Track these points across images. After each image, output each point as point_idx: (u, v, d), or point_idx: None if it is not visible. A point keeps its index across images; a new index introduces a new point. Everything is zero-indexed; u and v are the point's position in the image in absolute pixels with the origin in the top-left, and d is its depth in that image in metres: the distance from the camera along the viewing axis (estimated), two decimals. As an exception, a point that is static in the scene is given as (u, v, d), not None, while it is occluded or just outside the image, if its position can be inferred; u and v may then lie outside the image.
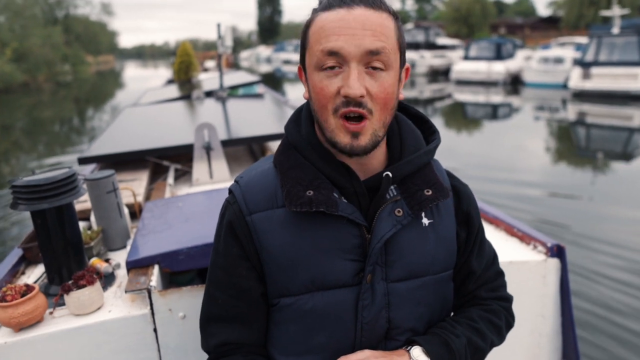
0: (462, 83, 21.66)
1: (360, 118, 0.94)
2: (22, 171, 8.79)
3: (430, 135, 1.12)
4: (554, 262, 1.73)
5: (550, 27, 49.15)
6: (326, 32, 0.93)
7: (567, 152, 9.76)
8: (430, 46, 28.85)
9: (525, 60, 21.51)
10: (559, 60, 18.75)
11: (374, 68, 0.93)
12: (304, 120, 1.08)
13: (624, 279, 4.05)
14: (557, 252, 1.73)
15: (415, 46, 28.30)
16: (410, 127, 1.10)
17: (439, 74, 26.67)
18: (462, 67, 22.19)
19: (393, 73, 0.95)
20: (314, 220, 1.01)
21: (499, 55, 21.51)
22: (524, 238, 1.86)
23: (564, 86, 17.10)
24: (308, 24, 0.98)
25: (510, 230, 1.93)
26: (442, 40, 31.16)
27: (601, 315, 3.52)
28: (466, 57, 22.94)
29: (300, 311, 1.03)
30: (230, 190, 1.10)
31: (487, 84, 20.87)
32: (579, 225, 5.20)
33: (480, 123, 13.60)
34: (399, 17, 0.99)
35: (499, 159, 8.88)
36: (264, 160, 1.14)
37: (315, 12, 0.99)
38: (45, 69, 37.96)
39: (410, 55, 26.71)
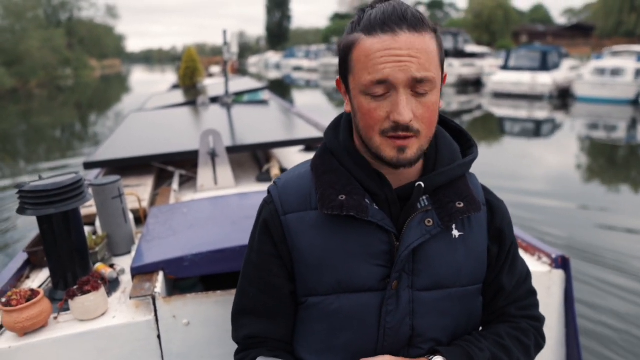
0: (501, 96, 19.34)
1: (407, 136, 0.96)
2: (15, 176, 8.74)
3: (468, 149, 1.13)
4: (559, 274, 1.73)
5: (576, 34, 47.05)
6: (373, 62, 0.93)
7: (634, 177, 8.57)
8: (459, 54, 26.52)
9: (571, 71, 19.47)
10: (617, 72, 16.55)
11: (420, 91, 0.94)
12: (343, 128, 1.11)
13: (629, 287, 4.04)
14: (562, 263, 1.73)
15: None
16: (448, 140, 1.11)
17: (468, 85, 24.73)
18: (501, 78, 19.81)
19: (436, 91, 0.97)
20: (345, 224, 1.04)
21: (544, 65, 19.19)
22: (529, 249, 1.85)
23: (635, 102, 15.31)
24: (350, 46, 0.98)
25: (515, 241, 1.92)
26: (471, 48, 28.75)
27: (605, 323, 3.50)
28: (505, 67, 20.52)
29: (326, 311, 1.06)
30: (269, 191, 1.14)
31: (530, 97, 18.57)
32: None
33: (533, 145, 11.75)
34: (438, 30, 0.99)
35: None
36: (303, 163, 1.17)
37: (354, 29, 0.98)
38: (42, 73, 37.03)
39: None
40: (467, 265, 1.08)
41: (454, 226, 1.06)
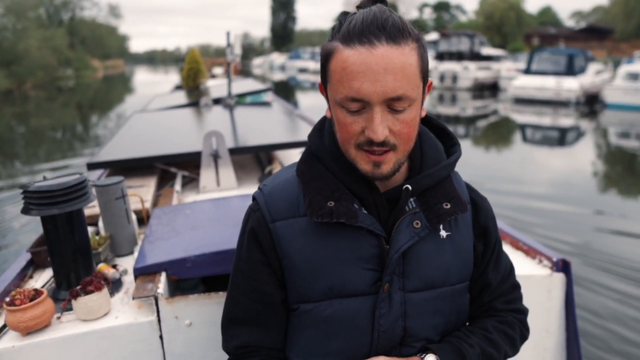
0: (523, 101, 18.12)
1: (386, 151, 0.96)
2: (13, 178, 8.70)
3: (451, 147, 1.14)
4: (560, 277, 1.73)
5: (590, 37, 45.18)
6: (348, 76, 0.91)
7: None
8: (475, 56, 25.38)
9: (597, 75, 18.37)
10: None
11: (397, 109, 0.93)
12: (327, 130, 1.10)
13: (630, 291, 4.04)
14: (563, 266, 1.73)
15: (458, 56, 25.36)
16: (432, 141, 1.11)
17: (485, 89, 23.61)
18: (523, 83, 18.54)
19: (415, 105, 0.96)
20: (335, 230, 1.04)
21: (570, 70, 17.93)
22: (530, 252, 1.86)
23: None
24: (329, 54, 0.96)
25: (516, 244, 1.93)
26: (487, 50, 26.99)
27: (607, 328, 3.50)
28: (527, 71, 19.25)
29: (319, 317, 1.07)
30: (254, 198, 1.13)
31: (555, 103, 17.31)
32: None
33: (556, 153, 10.93)
34: (422, 39, 0.96)
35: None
36: (287, 169, 1.17)
37: (334, 36, 0.96)
38: (41, 73, 36.04)
39: (452, 66, 24.16)
40: (455, 265, 1.09)
41: (441, 226, 1.07)
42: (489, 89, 23.82)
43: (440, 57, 26.07)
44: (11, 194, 7.07)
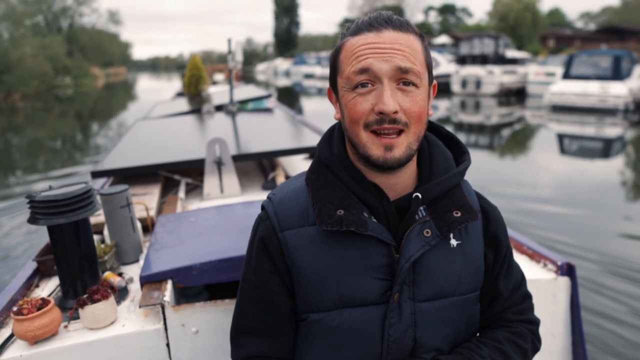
0: (561, 109, 16.07)
1: (397, 132, 0.97)
2: (7, 189, 8.70)
3: (461, 156, 1.14)
4: (564, 281, 1.73)
5: (610, 38, 42.03)
6: (357, 54, 0.97)
7: None
8: (499, 60, 23.17)
9: None
10: None
11: (406, 84, 0.96)
12: (336, 139, 1.11)
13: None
14: (567, 270, 1.73)
15: (482, 59, 23.22)
16: (441, 148, 1.12)
17: (511, 95, 21.86)
18: (562, 88, 16.39)
19: (423, 89, 0.99)
20: (344, 239, 1.04)
21: (617, 73, 15.89)
22: (534, 256, 1.86)
23: None
24: (338, 49, 1.03)
25: (520, 248, 1.93)
26: (512, 53, 24.57)
27: (612, 331, 3.49)
28: (566, 75, 16.98)
29: (328, 327, 1.06)
30: (263, 207, 1.13)
31: (599, 111, 15.32)
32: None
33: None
34: (425, 38, 1.03)
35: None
36: (296, 178, 1.17)
37: (343, 36, 1.03)
38: (36, 82, 34.74)
39: (475, 70, 22.63)
40: (465, 274, 1.09)
41: (451, 235, 1.07)
42: (515, 95, 21.96)
43: (462, 60, 24.37)
44: (12, 204, 7.07)
